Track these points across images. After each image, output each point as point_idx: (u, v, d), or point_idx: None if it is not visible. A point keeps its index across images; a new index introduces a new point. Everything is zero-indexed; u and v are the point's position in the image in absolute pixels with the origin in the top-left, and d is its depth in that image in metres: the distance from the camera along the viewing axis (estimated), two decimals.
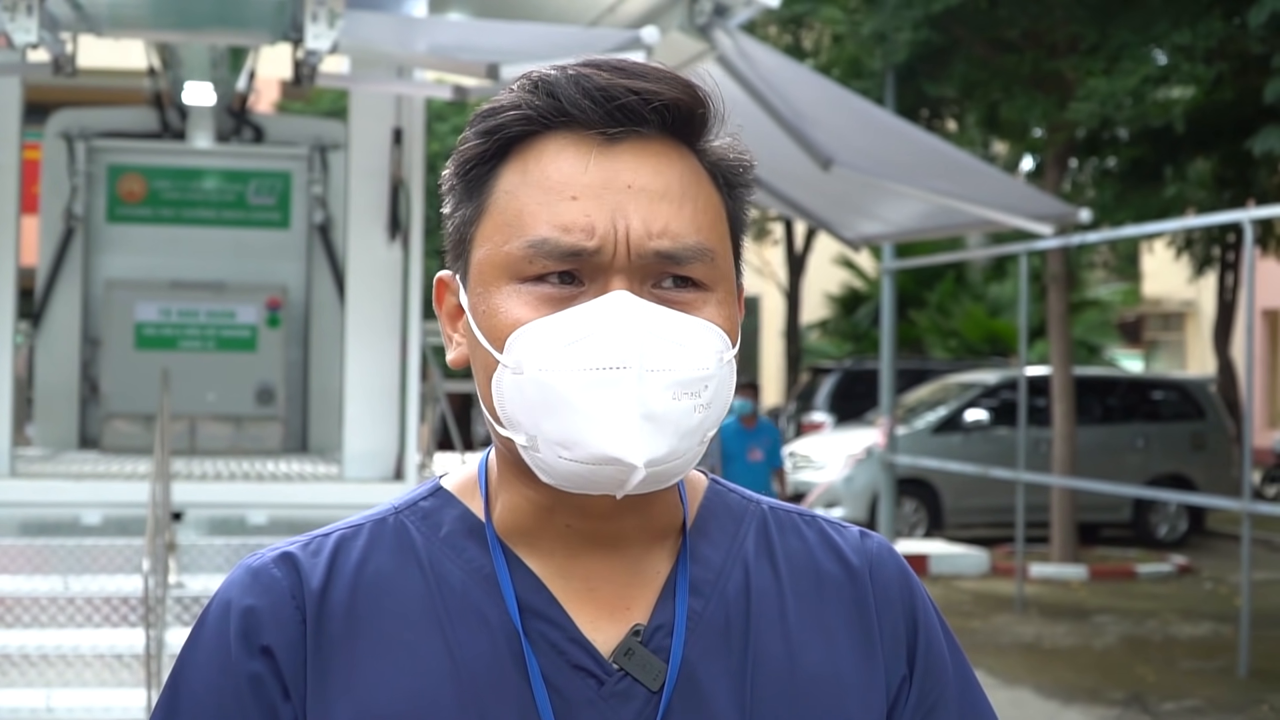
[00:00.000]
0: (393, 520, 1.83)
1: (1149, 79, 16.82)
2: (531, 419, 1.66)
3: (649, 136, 1.70)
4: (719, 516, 1.87)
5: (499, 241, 1.69)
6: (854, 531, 1.93)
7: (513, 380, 1.66)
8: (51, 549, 10.19)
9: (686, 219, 1.69)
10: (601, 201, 1.66)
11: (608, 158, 1.68)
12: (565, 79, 1.68)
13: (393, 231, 11.39)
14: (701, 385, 1.66)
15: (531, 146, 1.71)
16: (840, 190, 14.72)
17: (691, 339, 1.66)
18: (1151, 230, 18.67)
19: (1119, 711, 11.91)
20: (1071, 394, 19.52)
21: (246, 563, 1.81)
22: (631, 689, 1.73)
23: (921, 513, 22.11)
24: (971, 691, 1.91)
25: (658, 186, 1.68)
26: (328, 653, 1.73)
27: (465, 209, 1.75)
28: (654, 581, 1.79)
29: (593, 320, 1.63)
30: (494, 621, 1.74)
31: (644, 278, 1.67)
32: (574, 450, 1.63)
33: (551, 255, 1.66)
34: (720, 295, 1.72)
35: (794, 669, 1.78)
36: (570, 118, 1.68)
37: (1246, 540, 13.48)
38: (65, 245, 14.00)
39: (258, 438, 13.73)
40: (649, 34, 9.46)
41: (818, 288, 39.93)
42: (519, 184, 1.70)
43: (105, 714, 9.03)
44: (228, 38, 11.04)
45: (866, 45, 19.98)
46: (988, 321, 33.67)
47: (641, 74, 1.69)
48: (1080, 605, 17.13)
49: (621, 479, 1.64)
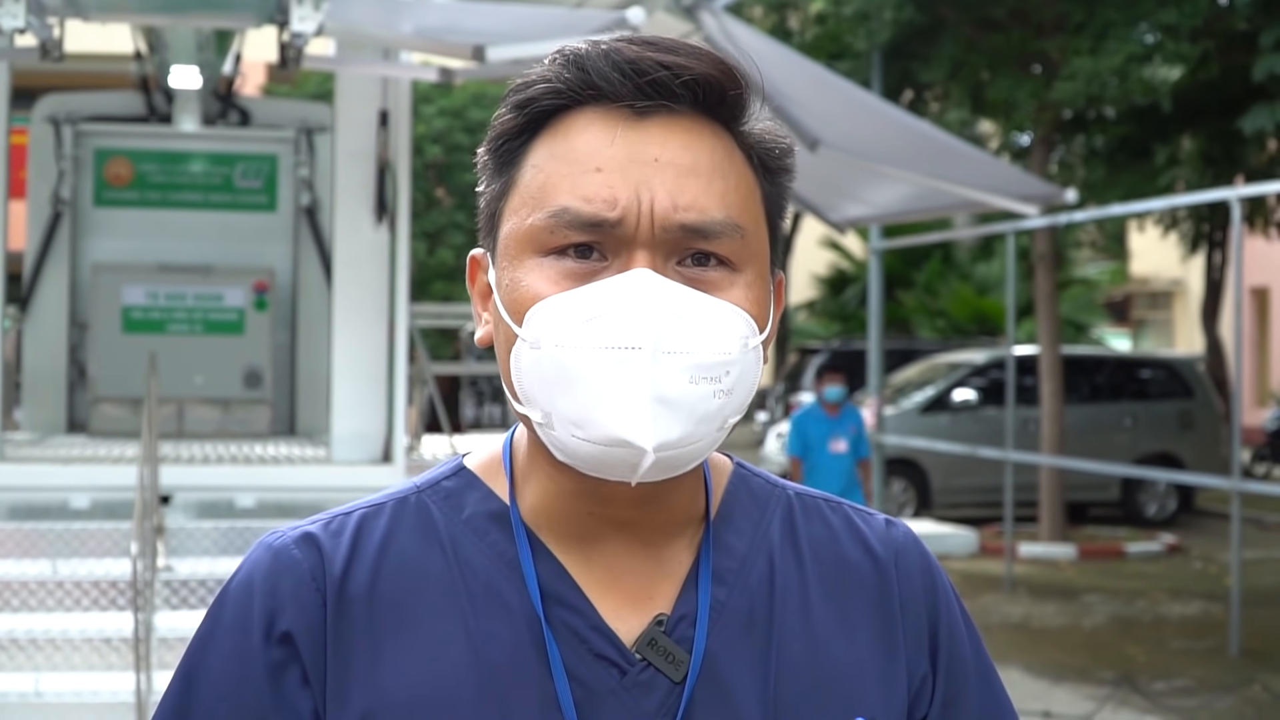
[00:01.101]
0: (414, 500, 1.82)
1: (1134, 58, 16.83)
2: (547, 395, 1.64)
3: (680, 113, 1.68)
4: (743, 503, 1.86)
5: (524, 215, 1.68)
6: (880, 519, 1.91)
7: (530, 355, 1.64)
8: (40, 533, 10.17)
9: (716, 194, 1.66)
10: (626, 174, 1.64)
11: (635, 131, 1.66)
12: (596, 52, 1.67)
13: (379, 214, 11.37)
14: (723, 370, 1.63)
15: (561, 121, 1.69)
16: (826, 173, 14.69)
17: (714, 321, 1.63)
18: (1139, 209, 18.65)
19: (1109, 691, 11.93)
20: (1059, 373, 19.55)
21: (267, 541, 1.79)
22: (654, 679, 1.71)
23: (910, 493, 22.15)
24: (991, 684, 1.91)
25: (686, 161, 1.66)
26: (348, 637, 1.72)
27: (496, 184, 1.74)
28: (677, 570, 1.78)
29: (611, 297, 1.61)
30: (516, 608, 1.72)
31: (668, 253, 1.65)
32: (586, 430, 1.61)
33: (572, 225, 1.64)
34: (749, 277, 1.69)
35: (816, 660, 1.77)
36: (599, 91, 1.67)
37: (1236, 519, 13.50)
38: (53, 229, 13.97)
39: (245, 421, 13.71)
40: (634, 15, 9.44)
41: (805, 269, 39.99)
42: (546, 158, 1.68)
43: (94, 698, 9.01)
44: (213, 21, 11.00)
45: (850, 25, 19.99)
46: (975, 301, 33.71)
47: (673, 49, 1.67)
48: (1069, 585, 17.16)
49: (633, 462, 1.61)
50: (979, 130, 29.06)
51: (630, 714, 1.70)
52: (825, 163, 13.27)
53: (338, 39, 11.58)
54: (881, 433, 20.45)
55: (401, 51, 11.47)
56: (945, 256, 35.10)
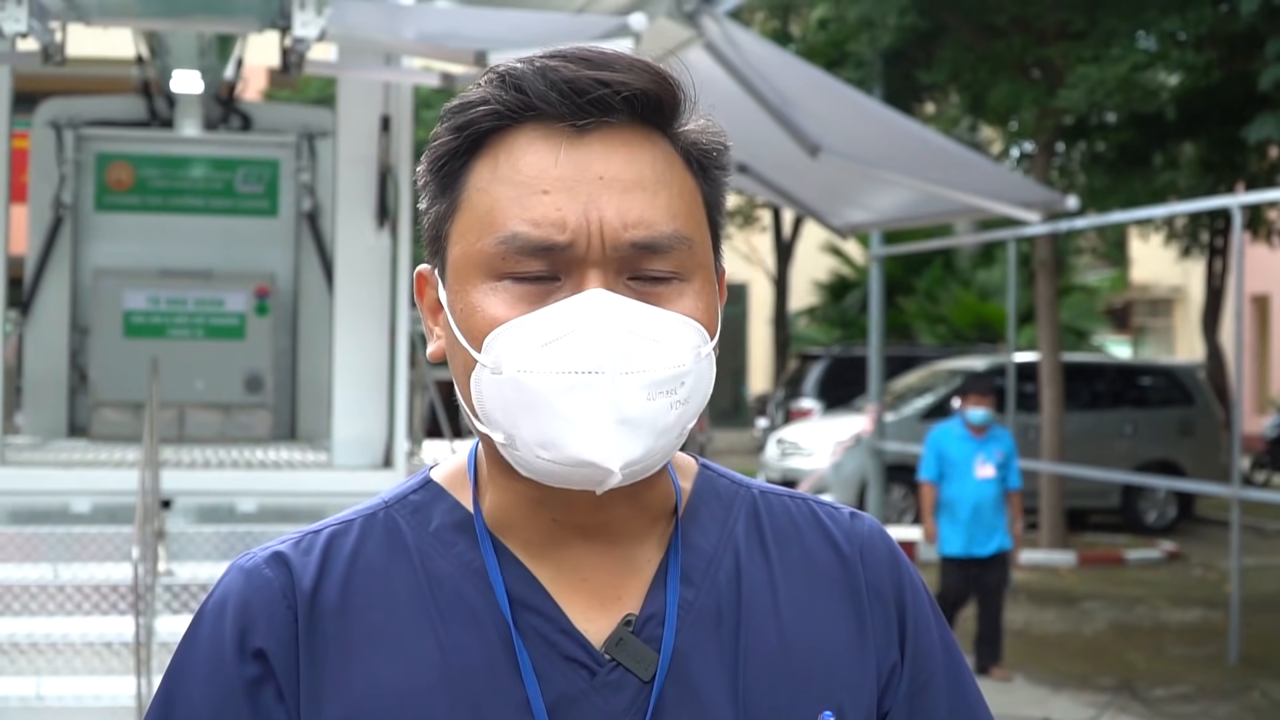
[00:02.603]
0: (383, 515, 1.83)
1: (1138, 66, 16.83)
2: (509, 418, 1.65)
3: (618, 126, 1.68)
4: (709, 503, 1.87)
5: (472, 239, 1.69)
6: (845, 514, 1.93)
7: (491, 380, 1.66)
8: (41, 537, 10.18)
9: (661, 207, 1.68)
10: (574, 194, 1.65)
11: (578, 149, 1.67)
12: (532, 72, 1.67)
13: (381, 219, 11.38)
14: (678, 382, 1.65)
15: (502, 141, 1.70)
16: (828, 178, 14.73)
17: (669, 335, 1.65)
18: (1140, 216, 18.67)
19: (1109, 698, 11.93)
20: (1060, 380, 19.54)
21: (239, 563, 1.81)
22: (624, 679, 1.73)
23: (910, 499, 22.11)
24: (959, 672, 1.91)
25: (630, 176, 1.67)
26: (321, 651, 1.74)
27: (439, 205, 1.75)
28: (645, 570, 1.79)
29: (569, 320, 1.62)
30: (484, 615, 1.74)
31: (619, 270, 1.66)
32: (551, 451, 1.63)
33: (524, 251, 1.64)
34: (698, 285, 1.70)
35: (786, 655, 1.78)
36: (539, 111, 1.67)
37: (1236, 526, 13.51)
38: (54, 234, 13.97)
39: (246, 425, 13.72)
40: (637, 21, 9.45)
41: (806, 275, 39.98)
42: (490, 179, 1.69)
43: (95, 702, 9.02)
44: (216, 25, 11.01)
45: (853, 30, 20.00)
46: (976, 307, 33.68)
47: (608, 64, 1.67)
48: (1069, 591, 17.15)
49: (598, 479, 1.64)
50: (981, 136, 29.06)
51: (601, 714, 1.72)
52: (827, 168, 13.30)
53: (340, 44, 11.58)
54: (882, 439, 20.47)
55: (403, 57, 11.49)
56: (946, 263, 35.08)
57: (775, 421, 29.49)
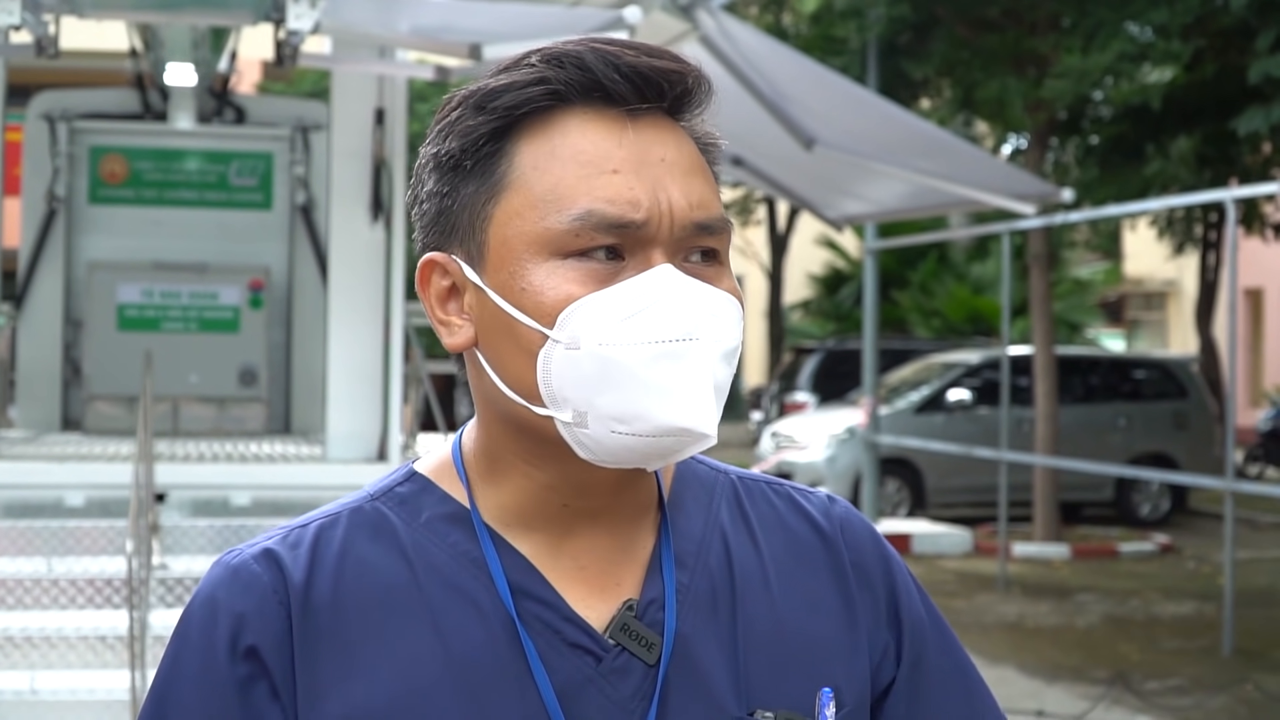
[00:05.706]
0: (369, 507, 1.82)
1: (1125, 56, 16.83)
2: (584, 395, 1.65)
3: (659, 113, 1.72)
4: (692, 488, 1.89)
5: (534, 218, 1.67)
6: (821, 495, 1.95)
7: (566, 356, 1.65)
8: (34, 531, 10.17)
9: (711, 191, 1.73)
10: (641, 175, 1.67)
11: (636, 132, 1.69)
12: (593, 55, 1.69)
13: (375, 212, 11.36)
14: (736, 354, 1.70)
15: (549, 122, 1.70)
16: (823, 170, 14.71)
17: (726, 311, 1.68)
18: (1134, 209, 18.67)
19: (1102, 690, 11.94)
20: (1054, 373, 19.54)
21: (225, 560, 1.80)
22: (629, 664, 1.73)
23: (904, 492, 22.14)
24: (949, 641, 1.94)
25: (685, 161, 1.71)
26: (315, 646, 1.72)
27: (471, 186, 1.73)
28: (640, 556, 1.80)
29: (648, 294, 1.64)
30: (485, 606, 1.73)
31: (677, 251, 1.68)
32: (633, 424, 1.64)
33: (599, 228, 1.65)
34: (728, 267, 1.74)
35: (782, 636, 1.80)
36: (605, 92, 1.69)
37: (1230, 519, 13.51)
38: (47, 227, 13.96)
39: (240, 419, 13.71)
40: (632, 14, 9.44)
41: (800, 268, 40.00)
42: (547, 158, 1.69)
43: (89, 696, 9.01)
44: (209, 18, 10.98)
45: (842, 20, 19.99)
46: (970, 301, 33.71)
47: (653, 53, 1.71)
48: (1063, 584, 17.17)
49: (679, 449, 1.67)
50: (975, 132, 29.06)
51: (609, 700, 1.72)
52: (822, 160, 13.29)
53: (334, 37, 11.57)
54: (876, 432, 20.48)
55: (397, 49, 11.46)
56: (940, 256, 35.09)
57: (770, 415, 29.52)
